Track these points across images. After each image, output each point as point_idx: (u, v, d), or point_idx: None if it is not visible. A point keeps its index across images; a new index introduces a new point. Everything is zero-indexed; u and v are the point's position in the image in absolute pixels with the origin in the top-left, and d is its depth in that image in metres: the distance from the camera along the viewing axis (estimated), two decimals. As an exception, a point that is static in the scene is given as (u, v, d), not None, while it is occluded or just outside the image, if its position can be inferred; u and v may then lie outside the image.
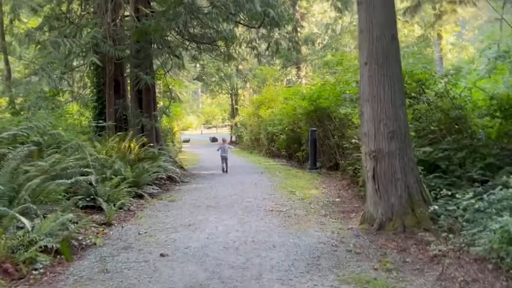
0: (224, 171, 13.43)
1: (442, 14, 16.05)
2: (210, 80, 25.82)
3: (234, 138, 32.01)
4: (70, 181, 6.72)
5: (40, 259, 4.83)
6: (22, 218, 4.96)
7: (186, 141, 32.26)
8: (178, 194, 9.55)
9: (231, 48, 13.35)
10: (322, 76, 15.21)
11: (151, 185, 9.76)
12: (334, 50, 22.57)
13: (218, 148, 14.16)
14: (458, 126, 7.45)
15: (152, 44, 11.64)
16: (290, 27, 15.54)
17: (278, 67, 26.99)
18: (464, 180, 6.72)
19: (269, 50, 13.10)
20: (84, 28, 10.49)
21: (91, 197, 7.54)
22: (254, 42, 13.42)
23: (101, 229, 6.51)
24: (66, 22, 10.81)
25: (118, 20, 10.93)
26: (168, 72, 14.05)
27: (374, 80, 6.06)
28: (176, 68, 14.62)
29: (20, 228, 5.15)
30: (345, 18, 25.01)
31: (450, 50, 22.18)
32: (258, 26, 11.56)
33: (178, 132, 26.10)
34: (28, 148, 6.58)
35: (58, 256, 5.06)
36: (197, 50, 13.64)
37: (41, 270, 4.66)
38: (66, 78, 12.26)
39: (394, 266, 4.73)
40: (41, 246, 4.88)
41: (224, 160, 13.50)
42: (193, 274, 4.56)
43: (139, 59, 11.25)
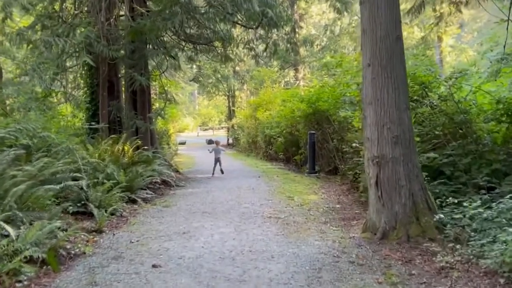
0: (213, 175, 13.34)
1: (443, 15, 15.86)
2: (206, 81, 25.55)
3: (231, 141, 31.78)
4: (59, 186, 6.45)
5: (24, 270, 4.56)
6: (6, 226, 4.72)
7: (182, 143, 31.96)
8: (172, 199, 9.27)
9: (228, 49, 13.08)
10: (321, 78, 14.98)
11: (145, 189, 9.49)
12: (333, 51, 22.34)
13: (211, 150, 14.04)
14: (462, 131, 7.22)
15: (147, 44, 11.37)
16: (288, 28, 15.30)
17: (276, 69, 26.76)
18: (469, 187, 6.50)
19: (267, 51, 12.83)
20: (77, 27, 10.19)
21: (82, 202, 7.26)
22: (251, 43, 13.15)
23: (91, 236, 6.24)
24: (59, 21, 10.50)
25: (112, 19, 10.64)
26: (163, 73, 13.76)
27: (377, 82, 5.81)
28: (172, 69, 14.37)
29: (4, 236, 4.86)
30: (344, 19, 24.80)
31: (449, 53, 22.00)
32: (256, 26, 11.30)
33: (174, 134, 25.80)
34: (15, 151, 6.30)
35: (45, 266, 4.79)
36: (193, 50, 13.37)
37: (25, 283, 4.38)
38: (59, 78, 11.95)
39: (399, 279, 4.47)
40: (26, 256, 4.62)
41: (217, 161, 13.48)
42: (186, 288, 4.29)
43: (134, 60, 10.97)
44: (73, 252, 5.45)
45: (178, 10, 9.88)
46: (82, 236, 6.10)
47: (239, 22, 11.75)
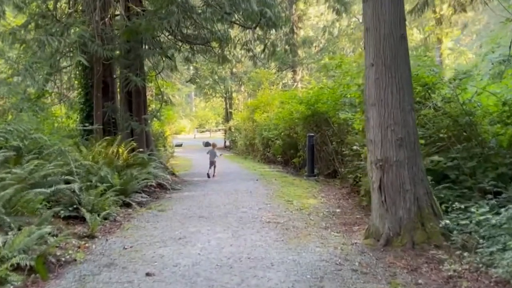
0: (208, 177, 13.44)
1: (443, 17, 15.70)
2: (203, 83, 25.33)
3: (228, 143, 31.54)
4: (49, 190, 6.20)
5: (11, 279, 4.35)
6: (-8, 232, 4.48)
7: (179, 145, 31.69)
8: (168, 203, 9.02)
9: (226, 49, 12.86)
10: (319, 79, 14.79)
11: (140, 193, 9.24)
12: (331, 53, 22.14)
13: (207, 152, 14.31)
14: (466, 134, 7.01)
15: (143, 44, 11.14)
16: (287, 29, 15.09)
17: (274, 71, 26.54)
18: (475, 191, 6.28)
19: (265, 52, 12.62)
20: (71, 26, 9.95)
21: (74, 206, 7.01)
22: (249, 44, 12.92)
23: (83, 242, 5.99)
24: (53, 20, 10.25)
25: (107, 18, 10.40)
26: (159, 74, 13.54)
27: (381, 82, 5.60)
28: (168, 70, 14.16)
29: (-9, 243, 4.65)
30: (342, 21, 24.61)
31: (448, 55, 21.87)
32: (254, 26, 11.08)
33: (170, 136, 25.56)
34: (4, 154, 6.06)
35: (33, 274, 4.56)
36: (190, 51, 13.14)
37: (12, 292, 4.15)
38: (52, 79, 11.69)
39: (406, 289, 4.26)
40: (13, 264, 4.41)
41: (212, 164, 13.71)
42: (181, 299, 4.06)
43: (129, 60, 10.73)
44: (63, 259, 5.21)
45: (174, 9, 9.65)
46: (74, 241, 5.86)
47: (237, 22, 11.53)
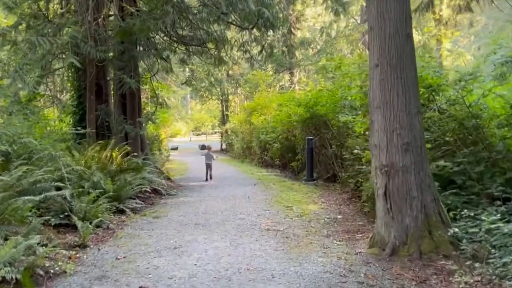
0: (206, 180, 13.61)
1: (442, 18, 15.54)
2: (199, 85, 24.99)
3: (224, 146, 31.24)
4: (38, 197, 5.90)
5: (-6, 294, 4.05)
6: (-24, 245, 4.19)
7: (174, 148, 31.34)
8: (163, 209, 8.73)
9: (222, 51, 12.58)
10: (317, 81, 14.54)
11: (134, 199, 8.94)
12: (329, 55, 21.91)
13: (202, 155, 14.44)
14: (472, 137, 6.76)
15: (137, 45, 10.85)
16: (285, 30, 14.84)
17: (271, 73, 26.28)
18: (482, 197, 6.03)
19: (262, 53, 12.35)
20: (63, 27, 9.66)
21: (66, 214, 6.71)
22: (246, 45, 12.65)
23: (73, 252, 5.69)
24: (44, 20, 9.95)
25: (100, 19, 10.11)
26: (154, 75, 13.26)
27: (386, 84, 5.34)
28: (163, 71, 13.85)
29: (-27, 255, 4.36)
30: (340, 22, 24.38)
31: (446, 57, 21.71)
32: (251, 27, 10.81)
33: (165, 139, 25.23)
34: (-10, 159, 5.77)
35: (19, 288, 4.27)
36: (186, 52, 12.86)
37: (-5, 308, 3.88)
38: (44, 81, 11.39)
39: (416, 303, 3.99)
40: (-3, 278, 4.11)
41: (208, 167, 13.75)
42: (177, 317, 3.78)
43: (123, 61, 10.44)
44: (52, 271, 4.92)
45: (169, 9, 9.35)
46: (64, 251, 5.57)
47: (234, 23, 11.27)
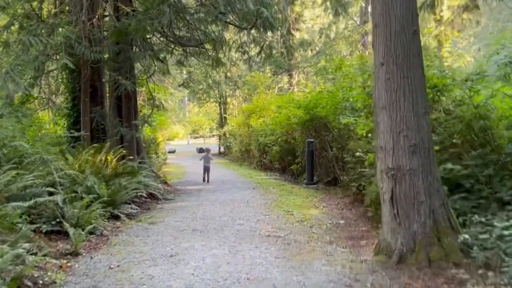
0: (204, 181, 13.85)
1: (442, 19, 15.37)
2: (197, 87, 24.75)
3: (222, 149, 30.98)
4: (27, 203, 5.64)
5: (-22, 308, 3.78)
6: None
7: (172, 151, 31.06)
8: (160, 214, 8.46)
9: (220, 52, 12.34)
10: (317, 83, 14.30)
11: (129, 204, 8.65)
12: (328, 56, 21.69)
13: (201, 158, 14.44)
14: (479, 139, 6.51)
15: (133, 46, 10.59)
16: (284, 30, 14.60)
17: (269, 74, 26.06)
18: (492, 201, 5.78)
19: (261, 54, 12.11)
20: (57, 27, 9.40)
21: (57, 220, 6.43)
22: (244, 46, 12.41)
23: (64, 261, 5.43)
24: (38, 20, 9.69)
25: (95, 19, 9.85)
26: (151, 77, 13.00)
27: (392, 83, 5.09)
28: (160, 73, 13.63)
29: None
30: (339, 24, 24.19)
31: (447, 59, 21.47)
32: (250, 27, 10.57)
33: (162, 142, 24.95)
34: (-24, 164, 5.51)
35: (4, 302, 4.01)
36: (183, 54, 12.63)
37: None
38: (38, 83, 11.12)
39: (427, 316, 3.73)
40: (-19, 291, 3.85)
41: (206, 170, 13.89)
42: (172, 333, 3.51)
43: (119, 63, 10.20)
44: (41, 281, 4.67)
45: (166, 9, 9.11)
46: (54, 260, 5.31)
47: (232, 23, 11.03)
